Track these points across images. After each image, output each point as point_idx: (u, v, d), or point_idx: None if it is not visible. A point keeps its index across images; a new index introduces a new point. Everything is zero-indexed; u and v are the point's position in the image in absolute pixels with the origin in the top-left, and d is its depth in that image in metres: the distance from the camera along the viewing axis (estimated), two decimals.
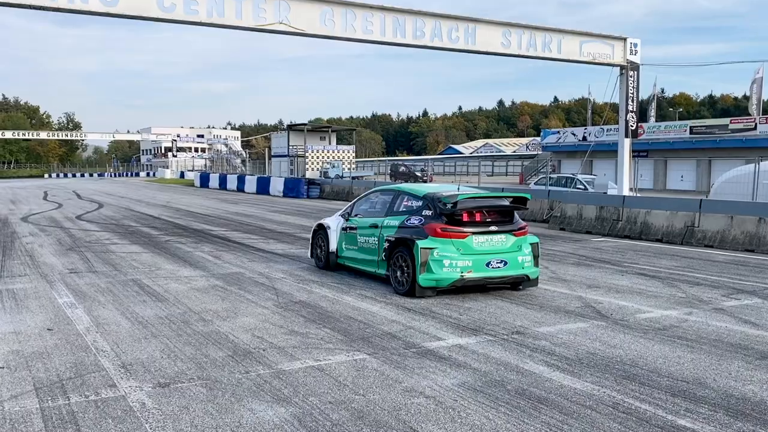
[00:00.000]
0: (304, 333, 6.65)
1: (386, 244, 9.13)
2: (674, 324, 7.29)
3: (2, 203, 28.72)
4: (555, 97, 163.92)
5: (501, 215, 8.94)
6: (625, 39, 19.82)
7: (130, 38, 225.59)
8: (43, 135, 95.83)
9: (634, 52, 20.07)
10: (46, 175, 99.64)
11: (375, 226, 9.53)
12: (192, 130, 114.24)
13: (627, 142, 20.75)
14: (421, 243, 8.40)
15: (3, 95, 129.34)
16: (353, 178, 44.49)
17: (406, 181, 43.20)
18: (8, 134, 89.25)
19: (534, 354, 6.04)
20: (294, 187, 36.35)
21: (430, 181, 46.73)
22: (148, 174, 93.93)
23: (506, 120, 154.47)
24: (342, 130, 66.48)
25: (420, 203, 9.10)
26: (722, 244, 14.21)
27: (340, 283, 9.53)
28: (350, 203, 10.90)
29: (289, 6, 13.32)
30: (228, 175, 48.06)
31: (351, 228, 10.15)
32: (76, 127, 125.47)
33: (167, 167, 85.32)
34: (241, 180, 43.97)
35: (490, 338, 6.59)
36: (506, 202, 9.24)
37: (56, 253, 12.55)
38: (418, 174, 49.99)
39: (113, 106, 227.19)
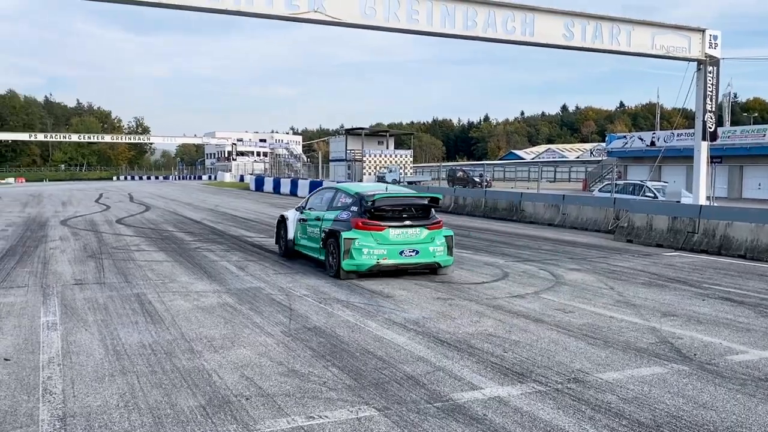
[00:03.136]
0: (306, 374, 5.39)
1: (323, 234, 10.54)
2: None
3: (53, 205, 28.86)
4: (621, 102, 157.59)
5: (418, 211, 10.32)
6: (703, 31, 17.80)
7: (199, 45, 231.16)
8: (108, 138, 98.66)
9: (713, 46, 18.01)
10: (115, 178, 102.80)
11: (318, 219, 10.96)
12: (255, 134, 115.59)
13: (704, 145, 18.65)
14: (345, 234, 9.76)
15: (77, 100, 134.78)
16: (409, 183, 43.27)
17: (464, 187, 41.73)
18: (74, 137, 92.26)
19: (596, 415, 4.59)
20: None
21: (489, 186, 45.03)
22: (209, 177, 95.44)
23: (570, 125, 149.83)
24: (400, 135, 65.50)
25: (351, 200, 10.48)
26: None
27: (368, 303, 8.25)
28: (305, 198, 12.26)
29: None
30: (281, 179, 47.69)
31: (303, 219, 11.63)
32: (145, 131, 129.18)
33: (228, 171, 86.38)
34: (294, 184, 43.42)
35: (540, 388, 5.16)
36: (425, 201, 10.46)
37: (74, 260, 11.78)
38: (477, 179, 48.34)
39: (182, 111, 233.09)
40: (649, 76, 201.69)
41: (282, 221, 12.48)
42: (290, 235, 11.99)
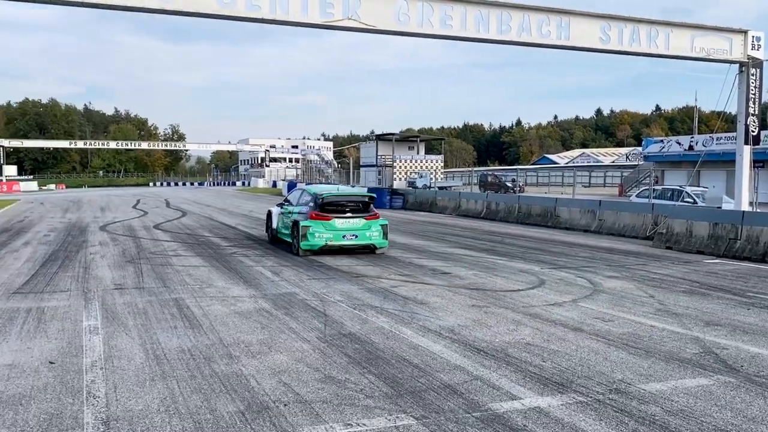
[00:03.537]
0: (342, 381, 5.38)
1: (291, 223, 13.93)
2: None
3: (92, 211, 29.51)
4: (657, 106, 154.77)
5: (359, 206, 13.64)
6: (745, 32, 17.38)
7: (233, 53, 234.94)
8: (144, 145, 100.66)
9: (756, 47, 17.58)
10: (151, 184, 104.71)
11: (290, 212, 14.32)
12: (288, 141, 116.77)
13: (747, 149, 18.20)
14: (302, 222, 13.25)
15: (115, 108, 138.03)
16: (440, 188, 43.07)
17: (496, 192, 41.46)
18: (112, 144, 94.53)
19: (640, 428, 4.48)
20: (377, 198, 35.31)
21: (521, 192, 44.69)
22: (243, 183, 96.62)
23: (604, 129, 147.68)
24: (431, 140, 65.33)
25: (310, 198, 13.90)
26: None
27: (402, 310, 8.22)
28: (286, 195, 15.79)
29: (360, 1, 12.21)
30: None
31: (282, 213, 15.08)
32: (181, 138, 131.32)
33: (261, 177, 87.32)
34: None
35: (581, 399, 5.06)
36: (365, 199, 13.96)
37: (113, 265, 12.01)
38: (509, 184, 47.93)
39: (216, 118, 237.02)
40: (687, 78, 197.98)
41: (269, 215, 16.10)
42: (274, 225, 15.58)
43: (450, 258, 13.50)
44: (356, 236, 13.30)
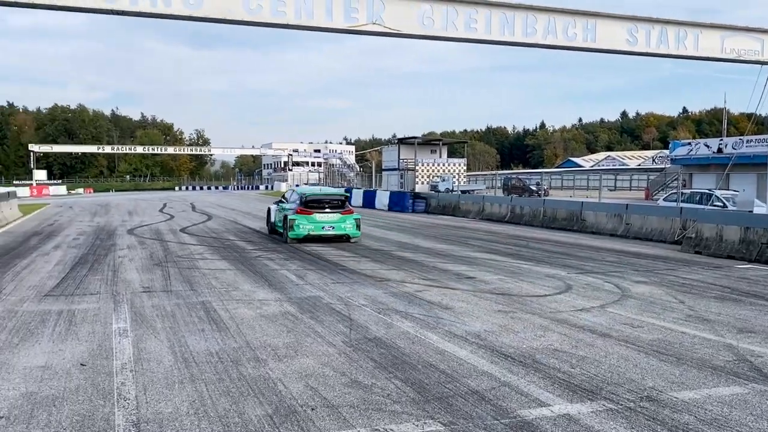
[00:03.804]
0: (369, 385, 5.37)
1: (283, 217, 16.85)
2: None
3: (120, 214, 29.94)
4: (684, 108, 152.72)
5: (336, 203, 16.76)
6: None
7: (257, 59, 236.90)
8: (170, 150, 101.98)
9: None
10: (177, 188, 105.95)
11: (283, 208, 17.23)
12: (310, 145, 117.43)
13: None
14: (290, 216, 16.30)
15: (142, 113, 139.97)
16: (462, 192, 42.92)
17: (520, 196, 41.18)
18: (139, 149, 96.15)
19: None
20: (399, 201, 35.39)
21: (546, 195, 44.36)
22: (266, 187, 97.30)
23: (630, 132, 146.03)
24: (453, 143, 65.10)
25: (298, 197, 16.82)
26: None
27: (428, 314, 8.18)
28: (283, 194, 19.29)
29: (384, 5, 12.22)
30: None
31: (278, 209, 17.91)
32: (206, 143, 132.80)
33: (284, 181, 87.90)
34: (347, 192, 43.72)
35: (611, 406, 4.98)
36: (342, 198, 17.17)
37: (141, 268, 12.15)
38: (533, 188, 47.58)
39: (240, 123, 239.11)
40: (714, 80, 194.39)
41: (269, 211, 19.31)
42: (272, 219, 18.69)
43: (474, 262, 13.43)
44: (333, 228, 16.27)
